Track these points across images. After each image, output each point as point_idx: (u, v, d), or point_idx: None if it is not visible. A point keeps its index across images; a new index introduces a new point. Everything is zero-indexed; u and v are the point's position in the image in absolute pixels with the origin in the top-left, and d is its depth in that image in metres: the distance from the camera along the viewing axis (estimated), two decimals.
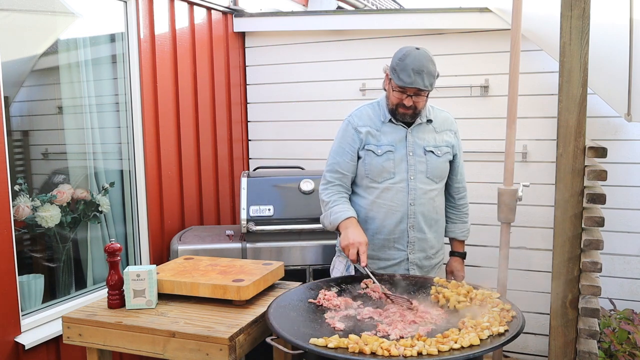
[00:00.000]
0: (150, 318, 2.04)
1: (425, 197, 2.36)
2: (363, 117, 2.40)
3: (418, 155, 2.36)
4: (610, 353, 2.80)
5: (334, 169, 2.39)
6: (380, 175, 2.34)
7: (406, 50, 2.24)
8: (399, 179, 2.33)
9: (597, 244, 1.80)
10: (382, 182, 2.34)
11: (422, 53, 2.23)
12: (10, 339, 2.52)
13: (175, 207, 3.52)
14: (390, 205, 2.34)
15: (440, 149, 2.40)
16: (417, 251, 2.38)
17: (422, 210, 2.36)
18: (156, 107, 3.34)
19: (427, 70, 2.21)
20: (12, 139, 2.80)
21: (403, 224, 2.35)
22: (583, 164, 1.83)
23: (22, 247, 2.83)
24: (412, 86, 2.20)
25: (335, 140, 2.45)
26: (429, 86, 2.23)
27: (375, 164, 2.33)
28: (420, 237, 2.38)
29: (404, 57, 2.22)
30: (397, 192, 2.33)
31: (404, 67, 2.20)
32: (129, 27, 3.21)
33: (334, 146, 2.43)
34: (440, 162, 2.39)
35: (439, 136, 2.42)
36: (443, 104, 3.63)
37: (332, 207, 2.33)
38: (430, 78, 2.22)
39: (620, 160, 3.29)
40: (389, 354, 1.57)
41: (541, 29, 3.22)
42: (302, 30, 4.00)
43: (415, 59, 2.20)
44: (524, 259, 3.56)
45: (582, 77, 1.79)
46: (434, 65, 2.25)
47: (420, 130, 2.38)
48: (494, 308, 1.86)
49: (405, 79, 2.20)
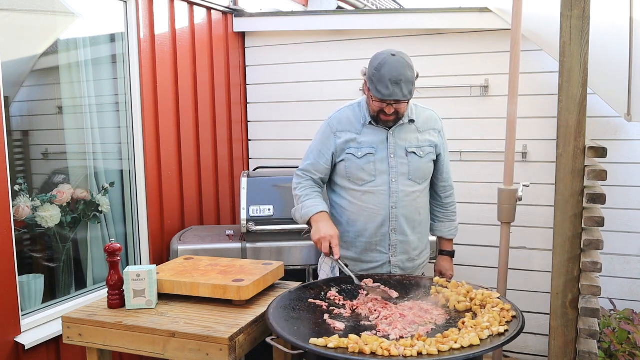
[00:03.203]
0: (150, 318, 2.04)
1: (407, 200, 2.32)
2: (343, 121, 2.35)
3: (399, 156, 2.31)
4: (610, 353, 2.80)
5: (307, 169, 2.38)
6: (360, 178, 2.30)
7: (382, 59, 2.16)
8: (380, 182, 2.29)
9: (597, 244, 1.80)
10: (363, 185, 2.30)
11: (398, 60, 2.15)
12: (10, 339, 2.52)
13: (175, 207, 3.52)
14: (371, 209, 2.30)
15: (422, 150, 2.34)
16: (400, 254, 2.35)
17: (404, 213, 2.32)
18: (156, 107, 3.34)
19: (405, 78, 2.13)
20: (12, 139, 2.80)
21: (385, 227, 2.31)
22: (583, 164, 1.83)
23: (22, 247, 2.83)
24: (391, 98, 2.15)
25: (313, 140, 2.41)
26: (408, 95, 2.16)
27: (355, 166, 2.29)
28: (403, 240, 2.34)
29: (379, 66, 2.15)
30: (379, 196, 2.30)
31: (380, 78, 2.13)
32: (129, 27, 3.21)
33: (312, 146, 2.40)
34: (422, 163, 2.35)
35: (422, 136, 2.36)
36: (443, 103, 3.67)
37: (303, 200, 2.31)
38: (409, 86, 2.15)
39: (620, 160, 3.29)
40: (389, 354, 1.57)
41: (541, 29, 3.22)
42: (302, 30, 4.00)
43: (391, 68, 2.12)
44: (524, 259, 3.56)
45: (582, 77, 1.79)
46: (412, 70, 2.16)
47: (402, 131, 2.33)
48: (494, 308, 1.86)
49: (383, 91, 2.14)
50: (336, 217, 2.40)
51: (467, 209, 3.67)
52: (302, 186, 2.37)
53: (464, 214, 3.68)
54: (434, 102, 3.71)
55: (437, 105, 3.65)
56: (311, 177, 2.38)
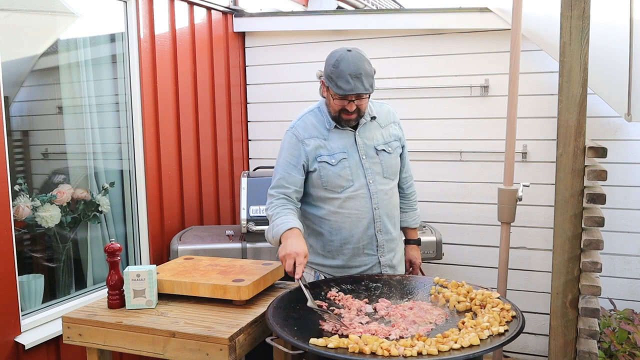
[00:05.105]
0: (150, 318, 2.04)
1: (386, 198, 2.31)
2: (308, 127, 2.28)
3: (371, 156, 2.29)
4: (610, 353, 2.80)
5: (279, 184, 2.26)
6: (338, 185, 2.25)
7: (338, 55, 2.13)
8: (358, 186, 2.26)
9: (597, 244, 1.80)
10: (342, 192, 2.25)
11: (355, 55, 2.13)
12: (10, 339, 2.52)
13: (175, 207, 3.52)
14: (355, 214, 2.27)
15: (390, 145, 2.33)
16: (387, 252, 2.35)
17: (385, 212, 2.31)
18: (156, 107, 3.35)
19: (365, 72, 2.11)
20: (12, 139, 2.80)
21: (370, 229, 2.29)
22: (583, 164, 1.83)
23: (22, 247, 2.83)
24: (353, 92, 2.10)
25: (280, 153, 2.31)
26: (369, 88, 2.13)
27: (331, 174, 2.24)
28: (388, 238, 2.34)
29: (337, 63, 2.11)
30: (360, 199, 2.26)
31: (339, 74, 2.10)
32: (129, 27, 3.21)
33: (280, 160, 2.30)
34: (392, 159, 2.34)
35: (385, 131, 2.35)
36: (443, 104, 3.67)
37: (274, 219, 2.18)
38: (369, 79, 2.12)
39: (620, 160, 3.29)
40: (389, 354, 1.57)
41: (541, 29, 3.22)
42: (302, 30, 4.00)
43: (349, 63, 2.10)
44: (524, 259, 3.56)
45: (582, 77, 1.79)
46: (370, 65, 2.14)
47: (367, 130, 2.31)
48: (494, 308, 1.86)
49: (344, 86, 2.10)
50: (315, 229, 2.34)
51: (467, 209, 3.68)
52: (273, 205, 2.25)
53: (463, 214, 3.70)
54: (434, 102, 3.74)
55: (437, 105, 3.70)
56: (284, 194, 2.26)
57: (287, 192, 2.26)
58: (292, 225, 2.13)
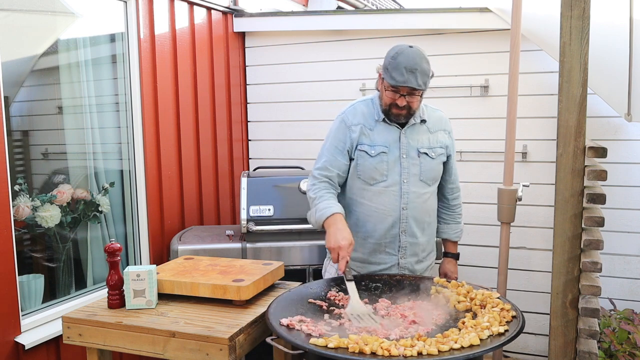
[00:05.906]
0: (150, 318, 2.04)
1: (418, 201, 2.29)
2: (357, 114, 2.32)
3: (412, 157, 2.29)
4: (610, 353, 2.80)
5: (324, 167, 2.30)
6: (372, 177, 2.27)
7: (399, 48, 2.16)
8: (391, 182, 2.27)
9: (597, 244, 1.80)
10: (375, 185, 2.27)
11: (415, 51, 2.15)
12: (10, 339, 2.52)
13: (175, 207, 3.52)
14: (382, 210, 2.27)
15: (434, 151, 2.33)
16: (409, 255, 2.33)
17: (414, 215, 2.30)
18: (156, 107, 3.35)
19: (421, 68, 2.12)
20: (12, 139, 2.80)
21: (395, 228, 2.29)
22: (583, 164, 1.83)
23: (22, 247, 2.83)
24: (405, 85, 2.12)
25: (327, 138, 2.36)
26: (422, 85, 2.14)
27: (368, 165, 2.26)
28: (412, 242, 2.32)
29: (396, 55, 2.14)
30: (390, 196, 2.27)
31: (396, 65, 2.13)
32: (129, 27, 3.21)
33: (326, 144, 2.35)
34: (434, 164, 2.33)
35: (433, 137, 2.35)
36: (443, 104, 3.66)
37: (317, 203, 2.22)
38: (424, 77, 2.14)
39: (620, 160, 3.29)
40: (389, 354, 1.57)
41: (541, 29, 3.22)
42: (302, 30, 4.00)
43: (408, 57, 2.12)
44: (524, 259, 3.56)
45: (582, 77, 1.79)
46: (428, 64, 2.16)
47: (414, 131, 2.31)
48: (494, 308, 1.86)
49: (397, 77, 2.12)
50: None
51: (467, 209, 3.64)
52: (316, 188, 2.28)
53: (463, 214, 3.68)
54: (433, 102, 3.71)
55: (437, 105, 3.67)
56: (327, 177, 2.29)
57: (331, 175, 2.30)
58: (335, 211, 2.17)
